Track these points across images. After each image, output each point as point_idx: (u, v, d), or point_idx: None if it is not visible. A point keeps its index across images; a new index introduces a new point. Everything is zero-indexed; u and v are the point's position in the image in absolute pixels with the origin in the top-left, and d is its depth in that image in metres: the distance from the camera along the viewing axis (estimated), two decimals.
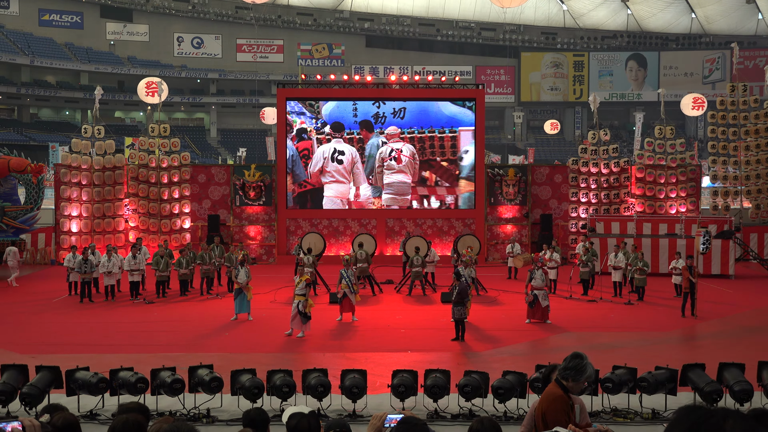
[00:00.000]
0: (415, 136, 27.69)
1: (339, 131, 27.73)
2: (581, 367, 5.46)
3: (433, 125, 27.63)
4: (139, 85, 30.10)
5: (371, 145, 27.54)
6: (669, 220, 24.66)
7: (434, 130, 27.69)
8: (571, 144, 67.10)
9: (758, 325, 17.10)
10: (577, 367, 5.45)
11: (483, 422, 4.65)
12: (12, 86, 65.33)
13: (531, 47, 75.29)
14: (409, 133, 27.74)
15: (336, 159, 27.73)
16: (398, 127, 27.63)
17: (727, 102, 27.64)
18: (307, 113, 27.67)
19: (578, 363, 5.47)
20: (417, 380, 10.26)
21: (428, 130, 27.67)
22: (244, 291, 17.09)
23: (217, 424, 9.83)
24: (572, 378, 5.46)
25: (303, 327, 15.28)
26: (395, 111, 27.70)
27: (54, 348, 14.38)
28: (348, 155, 27.70)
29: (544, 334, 15.80)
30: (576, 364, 5.46)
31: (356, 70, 64.40)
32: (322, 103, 27.63)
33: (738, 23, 71.49)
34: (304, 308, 15.16)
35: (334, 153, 27.75)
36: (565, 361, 5.52)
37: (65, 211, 26.00)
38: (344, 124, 27.66)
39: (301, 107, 27.63)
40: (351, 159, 27.71)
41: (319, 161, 27.74)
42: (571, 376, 5.45)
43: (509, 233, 27.14)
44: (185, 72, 70.58)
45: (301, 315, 15.19)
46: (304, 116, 27.64)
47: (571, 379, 5.47)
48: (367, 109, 27.60)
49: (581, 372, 5.46)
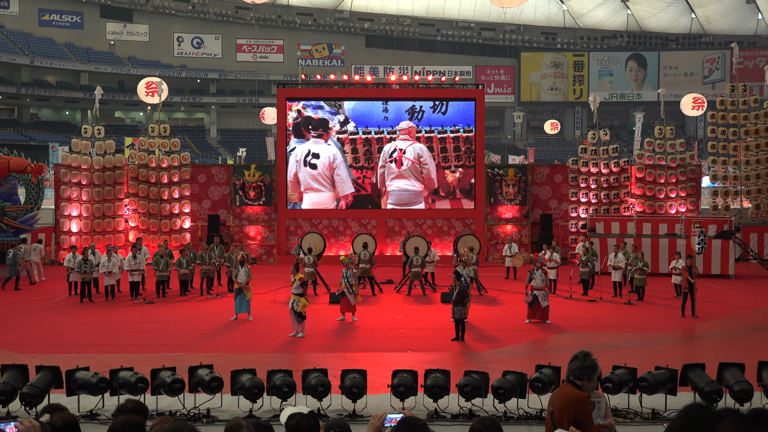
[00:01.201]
0: (434, 136, 27.07)
1: (323, 129, 26.85)
2: (595, 366, 5.47)
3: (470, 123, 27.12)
4: (138, 85, 30.11)
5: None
6: (669, 220, 24.66)
7: (471, 128, 27.11)
8: (571, 144, 67.08)
9: (758, 325, 17.09)
10: (593, 365, 5.45)
11: (484, 422, 4.63)
12: (12, 86, 65.32)
13: (531, 47, 75.28)
14: (427, 132, 27.14)
15: (309, 163, 26.83)
16: (433, 124, 27.04)
17: (727, 102, 27.63)
18: (326, 107, 27.26)
19: (593, 361, 5.46)
20: (417, 380, 10.25)
21: (464, 129, 27.09)
22: (244, 291, 17.09)
23: (217, 424, 9.82)
24: (588, 377, 5.42)
25: (298, 327, 15.27)
26: (434, 105, 27.05)
27: (54, 348, 14.38)
28: (325, 158, 26.80)
29: (544, 334, 15.80)
30: (591, 363, 5.44)
31: (356, 70, 64.42)
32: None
33: (738, 23, 71.48)
34: (298, 308, 15.16)
35: (307, 156, 26.87)
36: (578, 361, 5.46)
37: (65, 211, 26.00)
38: (371, 120, 27.05)
39: (318, 102, 27.30)
40: (329, 163, 26.82)
41: (291, 167, 27.01)
42: (587, 375, 5.42)
43: (509, 233, 27.14)
44: (185, 72, 70.58)
45: (295, 314, 15.20)
46: (322, 110, 27.27)
47: (587, 378, 5.42)
48: (399, 105, 27.14)
49: (595, 370, 5.45)
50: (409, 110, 27.26)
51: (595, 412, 5.53)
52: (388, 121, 27.25)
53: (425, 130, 27.26)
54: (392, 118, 27.26)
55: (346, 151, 27.14)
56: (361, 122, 27.24)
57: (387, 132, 27.18)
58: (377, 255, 23.18)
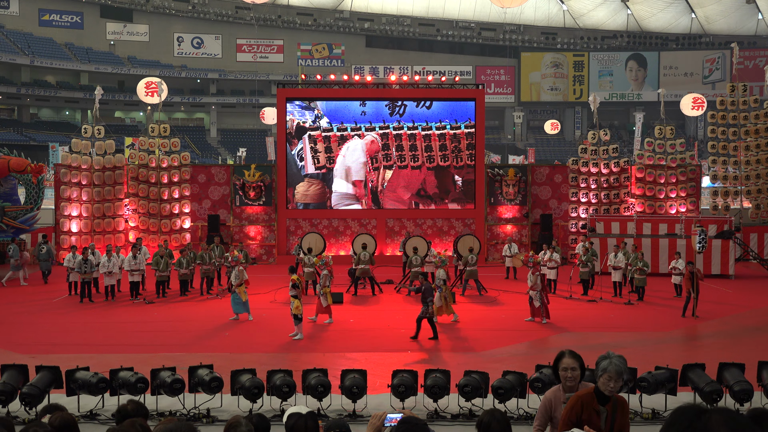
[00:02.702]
0: (417, 132, 27.06)
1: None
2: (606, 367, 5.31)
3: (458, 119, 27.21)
4: (138, 85, 30.08)
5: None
6: (669, 220, 24.66)
7: (459, 124, 27.18)
8: (571, 144, 67.09)
9: (758, 325, 17.09)
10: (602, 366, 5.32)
11: (494, 414, 4.62)
12: (12, 86, 65.33)
13: (531, 47, 75.27)
14: (410, 129, 27.11)
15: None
16: (417, 120, 27.06)
17: (727, 102, 27.63)
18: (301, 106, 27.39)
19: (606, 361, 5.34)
20: (417, 380, 10.25)
21: (451, 125, 27.16)
22: (237, 292, 17.08)
23: (217, 424, 9.82)
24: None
25: (297, 328, 15.24)
26: (418, 101, 27.13)
27: (54, 348, 14.38)
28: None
29: (544, 334, 15.81)
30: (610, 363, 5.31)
31: (356, 70, 64.43)
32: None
33: (738, 23, 71.47)
34: (292, 309, 15.15)
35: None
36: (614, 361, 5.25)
37: (65, 211, 26.00)
38: (347, 116, 27.18)
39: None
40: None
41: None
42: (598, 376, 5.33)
43: (509, 233, 27.14)
44: (185, 72, 70.58)
45: (293, 316, 15.19)
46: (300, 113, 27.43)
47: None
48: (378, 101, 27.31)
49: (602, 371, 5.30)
50: (389, 105, 27.25)
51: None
52: (366, 117, 27.27)
53: (408, 126, 27.26)
54: (370, 113, 27.28)
55: (319, 150, 27.21)
56: (336, 118, 27.35)
57: (365, 128, 27.24)
58: (377, 255, 23.17)
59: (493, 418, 4.52)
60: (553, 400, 5.58)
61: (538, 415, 5.70)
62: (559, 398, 5.56)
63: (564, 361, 5.56)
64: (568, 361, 5.55)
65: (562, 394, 5.55)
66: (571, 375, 5.53)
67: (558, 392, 5.61)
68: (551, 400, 5.60)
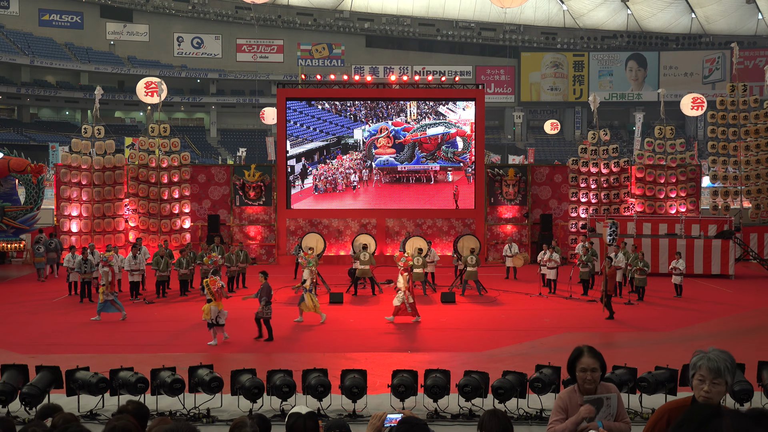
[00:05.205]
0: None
1: None
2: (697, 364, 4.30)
3: None
4: (138, 85, 30.08)
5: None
6: (669, 220, 24.66)
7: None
8: (571, 144, 67.12)
9: (758, 325, 17.10)
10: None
11: (496, 413, 4.53)
12: (12, 86, 65.33)
13: (531, 47, 75.27)
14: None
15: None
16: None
17: (727, 102, 27.63)
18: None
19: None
20: (417, 380, 10.25)
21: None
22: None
23: (217, 424, 9.82)
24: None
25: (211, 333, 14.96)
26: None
27: (54, 348, 14.38)
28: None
29: (544, 334, 15.81)
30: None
31: (356, 70, 64.43)
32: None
33: (738, 23, 71.48)
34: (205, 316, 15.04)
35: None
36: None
37: (65, 211, 26.00)
38: None
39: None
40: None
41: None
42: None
43: (509, 233, 27.14)
44: (185, 72, 70.58)
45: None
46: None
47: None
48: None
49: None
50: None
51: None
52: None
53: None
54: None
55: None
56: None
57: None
58: (377, 255, 23.16)
59: (494, 419, 4.48)
60: (569, 403, 4.99)
61: (554, 413, 5.07)
62: (575, 402, 4.95)
63: (583, 361, 4.91)
64: (587, 360, 4.89)
65: (579, 396, 4.95)
66: (591, 377, 4.89)
67: (573, 394, 5.01)
68: (567, 403, 5.00)
